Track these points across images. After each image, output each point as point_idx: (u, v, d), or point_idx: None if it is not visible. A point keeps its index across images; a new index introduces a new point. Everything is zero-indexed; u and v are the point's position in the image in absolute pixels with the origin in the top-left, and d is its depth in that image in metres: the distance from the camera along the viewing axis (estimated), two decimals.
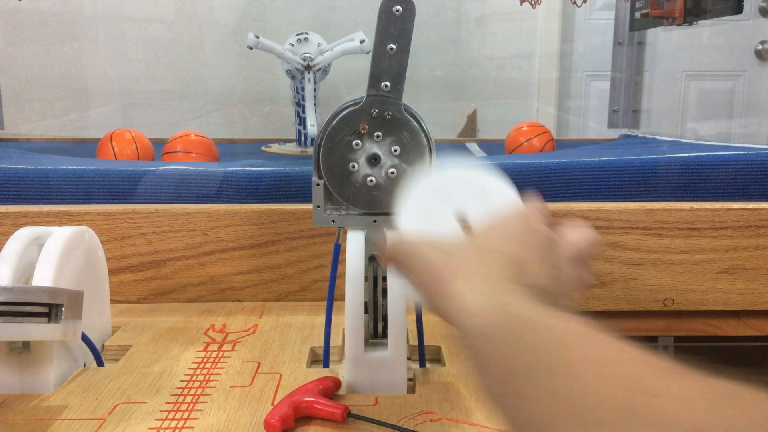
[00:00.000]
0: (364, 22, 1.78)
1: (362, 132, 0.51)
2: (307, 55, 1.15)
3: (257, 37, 1.13)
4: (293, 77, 1.23)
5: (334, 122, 0.51)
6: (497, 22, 1.91)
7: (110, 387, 0.53)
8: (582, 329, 0.28)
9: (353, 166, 0.52)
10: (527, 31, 1.95)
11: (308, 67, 1.10)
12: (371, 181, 0.52)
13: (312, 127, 1.14)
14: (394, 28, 0.49)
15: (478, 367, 0.31)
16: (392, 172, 0.52)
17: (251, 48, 1.13)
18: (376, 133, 0.51)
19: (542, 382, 0.26)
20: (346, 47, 1.13)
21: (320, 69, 1.18)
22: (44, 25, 1.72)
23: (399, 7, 0.49)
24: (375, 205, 0.53)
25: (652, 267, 0.73)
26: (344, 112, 0.51)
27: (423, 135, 0.52)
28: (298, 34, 1.20)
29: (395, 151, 0.51)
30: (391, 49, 0.50)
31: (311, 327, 0.66)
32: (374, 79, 0.50)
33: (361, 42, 1.12)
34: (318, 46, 1.19)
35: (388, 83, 0.50)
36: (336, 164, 0.52)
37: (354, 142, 0.51)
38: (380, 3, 0.49)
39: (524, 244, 0.36)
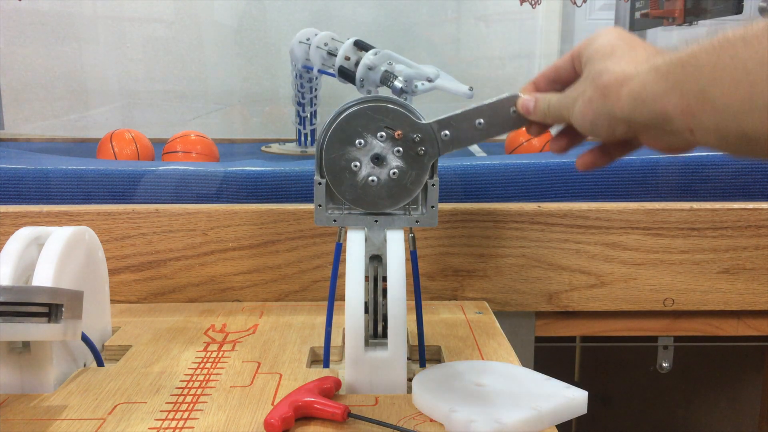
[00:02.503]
0: (363, 22, 1.78)
1: (396, 137, 0.51)
2: (408, 83, 1.10)
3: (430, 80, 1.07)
4: (299, 77, 1.22)
5: (342, 117, 0.51)
6: (497, 22, 1.91)
7: (110, 387, 0.53)
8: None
9: (360, 143, 0.51)
10: (527, 31, 1.95)
11: (403, 91, 1.08)
12: (355, 165, 0.52)
13: None
14: (498, 117, 0.50)
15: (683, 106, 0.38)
16: (372, 180, 0.52)
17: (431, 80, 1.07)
18: (397, 148, 0.51)
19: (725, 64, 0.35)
20: (450, 88, 1.08)
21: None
22: (44, 25, 1.72)
23: (515, 110, 0.50)
24: (373, 204, 0.53)
25: (652, 267, 0.73)
26: (399, 108, 0.51)
27: (431, 185, 0.53)
28: (365, 46, 1.13)
29: (393, 174, 0.52)
30: (479, 124, 0.51)
31: (311, 327, 0.66)
32: (445, 122, 0.51)
33: (470, 89, 1.08)
34: (389, 64, 1.14)
35: (448, 135, 0.51)
36: (348, 132, 0.51)
37: (380, 134, 0.51)
38: (510, 94, 0.50)
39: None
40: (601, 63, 0.43)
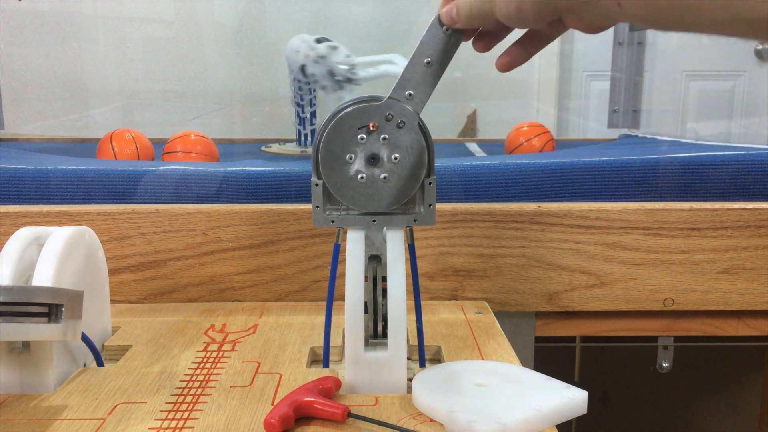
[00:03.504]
0: (363, 22, 1.78)
1: (371, 129, 0.51)
2: (353, 62, 1.12)
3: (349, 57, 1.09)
4: (297, 80, 1.22)
5: (339, 115, 0.51)
6: None
7: (110, 387, 0.53)
8: None
9: (350, 158, 0.51)
10: None
11: (349, 80, 1.09)
12: (362, 178, 0.52)
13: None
14: (438, 44, 0.50)
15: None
16: (384, 178, 0.52)
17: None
18: (383, 135, 0.51)
19: None
20: (390, 70, 1.10)
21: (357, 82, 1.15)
22: (44, 25, 1.72)
23: (446, 27, 0.49)
24: (360, 202, 0.52)
25: (652, 267, 0.73)
26: (360, 105, 0.51)
27: (426, 153, 0.52)
28: (323, 41, 1.16)
29: (395, 158, 0.51)
30: (428, 62, 0.50)
31: (311, 327, 0.66)
32: (401, 85, 0.50)
33: None
34: (347, 57, 1.16)
35: (412, 92, 0.50)
36: (335, 150, 0.51)
37: (359, 136, 0.51)
38: (435, 16, 0.49)
39: None
40: None
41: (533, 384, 0.51)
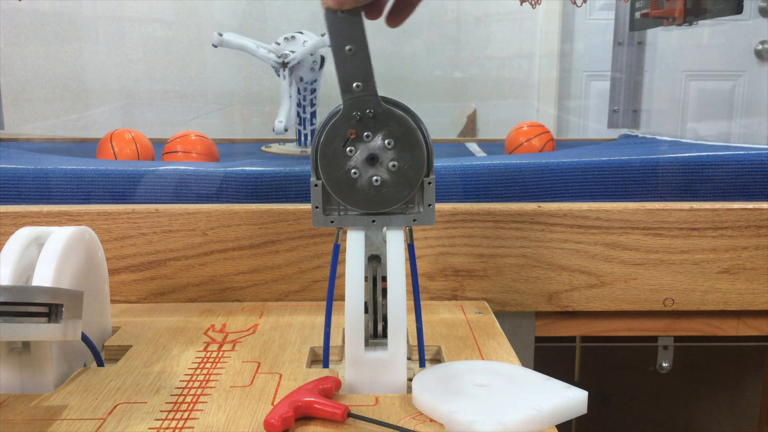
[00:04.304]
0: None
1: (351, 137, 0.51)
2: (284, 52, 1.15)
3: (221, 35, 1.12)
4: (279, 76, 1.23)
5: (324, 133, 0.51)
6: (497, 22, 1.92)
7: (110, 387, 0.53)
8: None
9: (355, 173, 0.52)
10: (527, 31, 1.95)
11: (284, 65, 1.11)
12: (376, 180, 0.52)
13: (279, 123, 1.13)
14: (345, 29, 0.49)
15: None
16: (393, 165, 0.52)
17: (215, 46, 1.13)
18: (365, 134, 0.51)
19: None
20: (314, 43, 1.13)
21: (294, 65, 1.17)
22: (44, 25, 1.72)
23: (339, 12, 0.49)
24: (387, 202, 0.52)
25: (652, 267, 0.73)
26: (329, 124, 0.51)
27: (410, 119, 0.51)
28: (294, 33, 1.20)
29: (389, 144, 0.51)
30: (350, 50, 0.50)
31: (311, 327, 0.66)
32: (345, 84, 0.50)
33: (322, 35, 1.12)
34: (303, 44, 1.18)
35: (359, 83, 0.50)
36: (338, 175, 0.52)
37: (348, 149, 0.51)
38: (324, 9, 0.49)
39: None
40: None
41: (533, 384, 0.51)
